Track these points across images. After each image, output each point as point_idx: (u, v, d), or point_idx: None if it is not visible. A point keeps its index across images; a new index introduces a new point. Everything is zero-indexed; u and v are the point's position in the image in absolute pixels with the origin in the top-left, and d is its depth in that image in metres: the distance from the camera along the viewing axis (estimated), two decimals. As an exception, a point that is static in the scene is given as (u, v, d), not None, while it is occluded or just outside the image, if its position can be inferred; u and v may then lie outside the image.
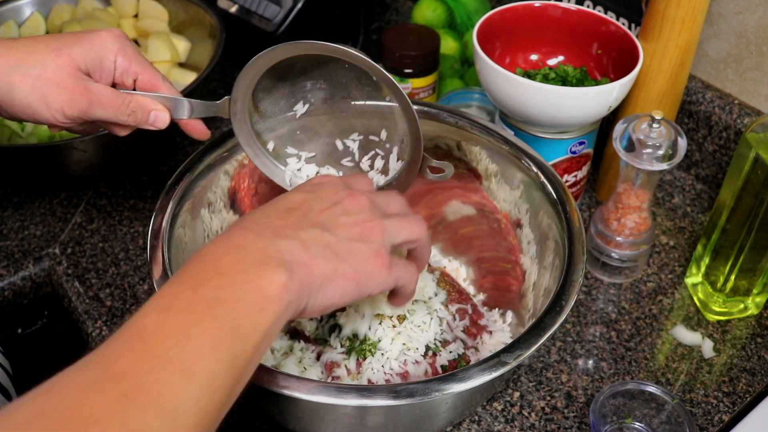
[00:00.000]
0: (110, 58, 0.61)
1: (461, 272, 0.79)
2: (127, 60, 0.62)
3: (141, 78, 0.63)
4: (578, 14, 0.83)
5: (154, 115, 0.63)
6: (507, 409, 0.70)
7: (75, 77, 0.59)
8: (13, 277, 0.83)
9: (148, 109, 0.62)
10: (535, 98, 0.75)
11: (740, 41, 0.86)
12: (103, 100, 0.60)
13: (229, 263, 0.44)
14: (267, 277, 0.44)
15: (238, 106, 0.63)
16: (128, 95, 0.62)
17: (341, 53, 0.58)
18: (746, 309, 0.78)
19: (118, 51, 0.61)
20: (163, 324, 0.41)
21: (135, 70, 0.62)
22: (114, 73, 0.62)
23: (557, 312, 0.58)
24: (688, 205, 0.92)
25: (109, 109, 0.61)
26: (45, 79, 0.59)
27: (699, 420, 0.70)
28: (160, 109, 0.63)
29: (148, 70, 0.63)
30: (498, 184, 0.73)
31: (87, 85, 0.60)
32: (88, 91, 0.60)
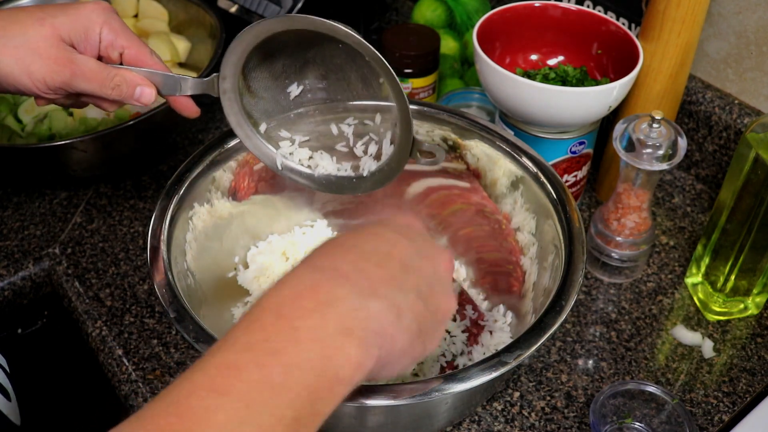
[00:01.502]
0: (95, 29, 0.60)
1: (461, 272, 0.79)
2: (113, 33, 0.60)
3: (127, 52, 0.61)
4: (578, 14, 0.83)
5: (140, 91, 0.61)
6: (507, 409, 0.70)
7: (58, 48, 0.58)
8: (13, 277, 0.83)
9: (133, 84, 0.60)
10: (535, 98, 0.75)
11: (740, 41, 0.86)
12: (87, 72, 0.59)
13: (309, 328, 0.38)
14: (346, 354, 0.38)
15: (227, 83, 0.61)
16: (114, 69, 0.60)
17: (327, 27, 0.56)
18: (746, 309, 0.78)
19: (104, 23, 0.60)
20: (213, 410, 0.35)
21: (121, 44, 0.61)
22: (99, 45, 0.61)
23: (557, 312, 0.58)
24: (688, 205, 0.92)
25: (93, 82, 0.59)
26: (27, 49, 0.57)
27: (699, 420, 0.70)
28: (146, 84, 0.61)
29: (135, 44, 0.61)
30: (498, 184, 0.73)
31: (70, 56, 0.59)
32: (71, 63, 0.58)
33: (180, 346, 0.75)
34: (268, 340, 0.38)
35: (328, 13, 1.09)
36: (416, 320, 0.43)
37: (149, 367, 0.73)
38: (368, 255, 0.43)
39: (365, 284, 0.41)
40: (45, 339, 0.91)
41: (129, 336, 0.76)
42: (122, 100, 0.61)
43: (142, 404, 0.71)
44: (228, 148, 0.71)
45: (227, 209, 0.73)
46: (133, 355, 0.74)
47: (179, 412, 0.35)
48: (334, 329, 0.38)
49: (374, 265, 0.42)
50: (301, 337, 0.38)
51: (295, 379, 0.37)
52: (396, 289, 0.42)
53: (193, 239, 0.68)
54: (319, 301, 0.39)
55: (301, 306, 0.39)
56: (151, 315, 0.78)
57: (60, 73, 0.58)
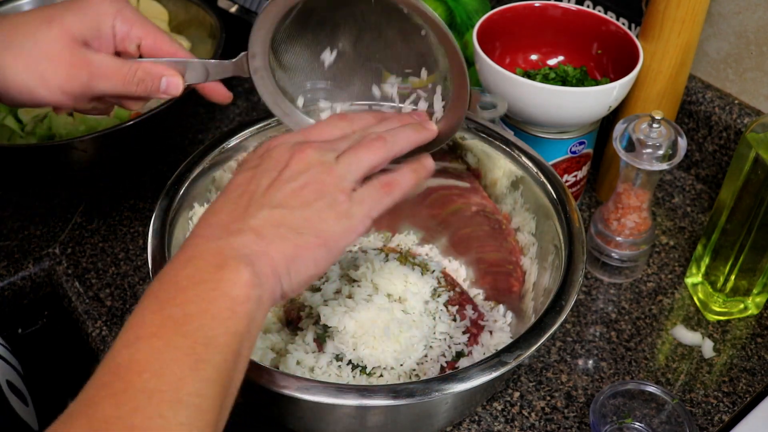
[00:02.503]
0: (108, 23, 0.55)
1: (461, 272, 0.79)
2: (127, 24, 0.56)
3: (145, 43, 0.57)
4: (578, 14, 0.83)
5: (166, 82, 0.56)
6: (507, 409, 0.70)
7: (71, 49, 0.54)
8: (13, 277, 0.83)
9: (158, 75, 0.56)
10: (535, 98, 0.75)
11: (740, 41, 0.86)
12: (106, 71, 0.55)
13: (187, 276, 0.43)
14: (229, 280, 0.42)
15: (257, 61, 0.57)
16: (134, 63, 0.56)
17: None
18: (746, 309, 0.78)
19: (116, 14, 0.56)
20: (135, 356, 0.39)
21: (137, 34, 0.56)
22: (114, 39, 0.56)
23: (557, 312, 0.58)
24: (688, 205, 0.92)
25: (114, 81, 0.55)
26: (38, 54, 0.53)
27: (699, 420, 0.70)
28: (171, 74, 0.57)
29: (152, 33, 0.57)
30: (498, 184, 0.73)
31: (86, 56, 0.54)
32: (87, 63, 0.54)
33: (180, 346, 0.75)
34: (157, 297, 0.42)
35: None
36: (281, 227, 0.46)
37: (149, 367, 0.73)
38: (218, 207, 0.48)
39: (219, 230, 0.45)
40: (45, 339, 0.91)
41: (129, 336, 0.76)
42: (148, 95, 0.57)
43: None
44: (228, 148, 0.71)
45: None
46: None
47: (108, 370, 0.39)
48: (208, 269, 0.43)
49: (225, 213, 0.47)
50: (183, 284, 0.42)
51: (191, 310, 0.41)
52: (247, 218, 0.46)
53: (193, 239, 0.68)
54: (187, 258, 0.44)
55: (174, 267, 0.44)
56: (151, 315, 0.78)
57: (77, 77, 0.54)
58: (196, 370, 0.39)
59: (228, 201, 0.48)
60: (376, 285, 0.70)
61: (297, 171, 0.48)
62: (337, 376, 0.65)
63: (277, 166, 0.49)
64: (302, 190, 0.47)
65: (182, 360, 0.39)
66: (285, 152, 0.49)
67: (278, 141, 0.51)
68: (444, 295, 0.73)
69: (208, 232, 0.46)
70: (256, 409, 0.63)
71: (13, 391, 0.67)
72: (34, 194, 0.92)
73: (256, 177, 0.48)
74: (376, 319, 0.66)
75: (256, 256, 0.44)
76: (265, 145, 0.52)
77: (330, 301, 0.69)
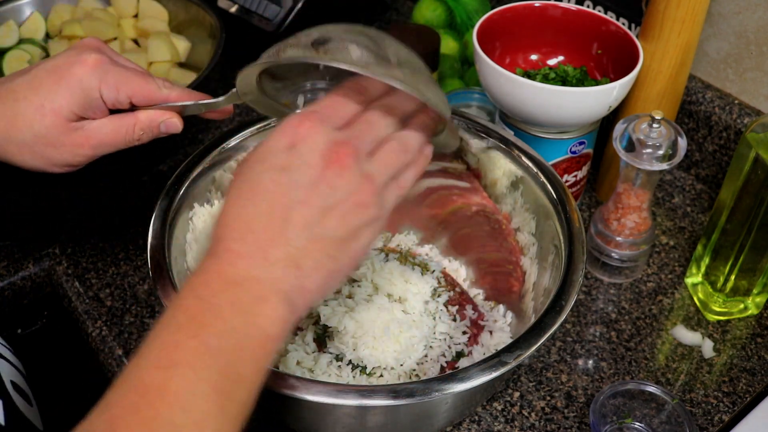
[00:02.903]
0: (95, 95, 0.57)
1: (461, 272, 0.79)
2: (112, 91, 0.57)
3: (135, 100, 0.58)
4: (578, 14, 0.83)
5: (165, 126, 0.60)
6: (507, 409, 0.70)
7: (68, 132, 0.57)
8: (13, 277, 0.83)
9: (155, 124, 0.59)
10: (535, 98, 0.75)
11: (740, 41, 0.86)
12: (106, 138, 0.58)
13: (228, 303, 0.43)
14: (267, 317, 0.43)
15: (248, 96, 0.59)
16: (131, 117, 0.58)
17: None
18: (746, 309, 0.78)
19: (100, 85, 0.57)
20: (167, 384, 0.40)
21: (126, 95, 0.58)
22: (106, 104, 0.58)
23: (557, 312, 0.58)
24: (688, 205, 0.92)
25: (116, 143, 0.59)
26: (39, 144, 0.57)
27: (699, 420, 0.70)
28: (168, 117, 0.60)
29: (138, 87, 0.58)
30: (498, 184, 0.73)
31: (84, 132, 0.57)
32: (87, 139, 0.58)
33: (180, 346, 0.75)
34: (194, 318, 0.42)
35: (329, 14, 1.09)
36: (320, 256, 0.45)
37: (149, 367, 0.73)
38: (249, 216, 0.45)
39: (259, 253, 0.44)
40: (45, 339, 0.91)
41: (129, 336, 0.76)
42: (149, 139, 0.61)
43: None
44: (228, 148, 0.71)
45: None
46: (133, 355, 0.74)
47: (139, 391, 0.39)
48: (246, 298, 0.43)
49: (261, 228, 0.45)
50: (221, 310, 0.42)
51: (228, 342, 0.41)
52: (288, 243, 0.45)
53: (193, 239, 0.68)
54: (227, 282, 0.44)
55: (213, 288, 0.43)
56: (151, 315, 0.78)
57: (81, 154, 0.58)
58: (222, 409, 0.40)
59: (260, 211, 0.45)
60: (376, 285, 0.70)
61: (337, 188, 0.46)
62: (337, 376, 0.65)
63: (311, 174, 0.45)
64: (345, 216, 0.46)
65: (211, 397, 0.40)
66: (318, 155, 0.46)
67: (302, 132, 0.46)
68: (444, 295, 0.73)
69: (245, 251, 0.44)
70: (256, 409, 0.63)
71: (17, 391, 0.67)
72: (34, 194, 0.92)
73: (289, 186, 0.45)
74: (376, 319, 0.66)
75: (293, 292, 0.45)
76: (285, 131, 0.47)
77: (330, 301, 0.69)
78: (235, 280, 0.44)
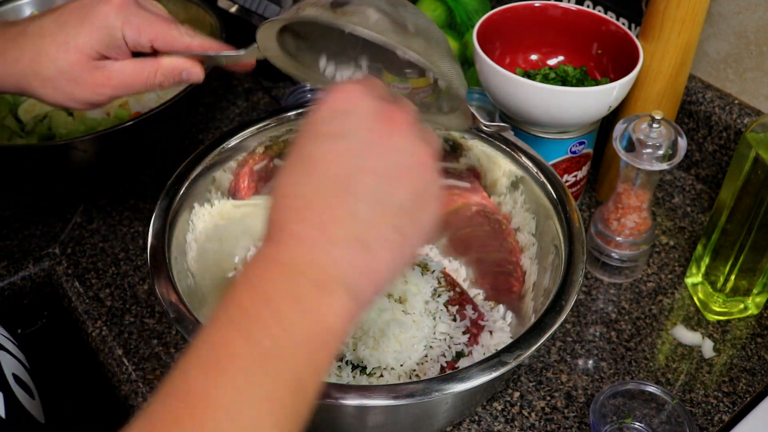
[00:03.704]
0: (118, 35, 0.58)
1: (461, 272, 0.79)
2: (135, 32, 0.58)
3: (157, 44, 0.59)
4: (578, 14, 0.83)
5: (187, 74, 0.60)
6: (507, 409, 0.70)
7: (91, 70, 0.58)
8: (13, 277, 0.83)
9: (177, 71, 0.59)
10: (535, 98, 0.75)
11: (740, 41, 0.86)
12: (127, 79, 0.58)
13: (283, 293, 0.38)
14: (330, 309, 0.38)
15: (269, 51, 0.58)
16: (153, 62, 0.59)
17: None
18: (746, 309, 0.78)
19: (123, 25, 0.58)
20: (215, 391, 0.35)
21: (147, 38, 0.58)
22: (128, 46, 0.59)
23: (557, 312, 0.58)
24: (688, 205, 0.92)
25: (137, 86, 0.59)
26: (62, 79, 0.58)
27: (699, 420, 0.70)
28: (190, 66, 0.59)
29: (163, 32, 0.59)
30: (498, 184, 0.73)
31: (106, 72, 0.58)
32: (108, 79, 0.58)
33: (180, 346, 0.75)
34: (247, 314, 0.38)
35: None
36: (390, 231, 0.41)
37: (149, 367, 0.73)
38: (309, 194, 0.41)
39: (318, 233, 0.39)
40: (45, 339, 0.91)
41: (129, 336, 0.76)
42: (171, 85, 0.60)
43: (141, 404, 0.71)
44: (228, 148, 0.71)
45: (227, 209, 0.73)
46: (133, 355, 0.74)
47: (182, 398, 0.35)
48: (306, 288, 0.38)
49: (320, 204, 0.40)
50: (278, 304, 0.38)
51: (284, 343, 0.37)
52: (351, 219, 0.40)
53: (193, 239, 0.68)
54: (286, 270, 0.39)
55: (268, 277, 0.39)
56: (151, 315, 0.78)
57: (101, 93, 0.58)
58: (275, 418, 0.36)
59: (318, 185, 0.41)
60: (376, 285, 0.70)
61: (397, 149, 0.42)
62: (337, 376, 0.65)
63: (370, 137, 0.41)
64: (410, 180, 0.42)
65: (263, 405, 0.36)
66: (371, 117, 0.42)
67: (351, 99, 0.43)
68: (444, 295, 0.73)
69: (306, 233, 0.40)
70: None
71: (19, 384, 0.67)
72: (34, 194, 0.92)
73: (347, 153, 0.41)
74: (376, 319, 0.66)
75: (361, 277, 0.40)
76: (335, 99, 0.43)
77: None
78: (295, 267, 0.39)
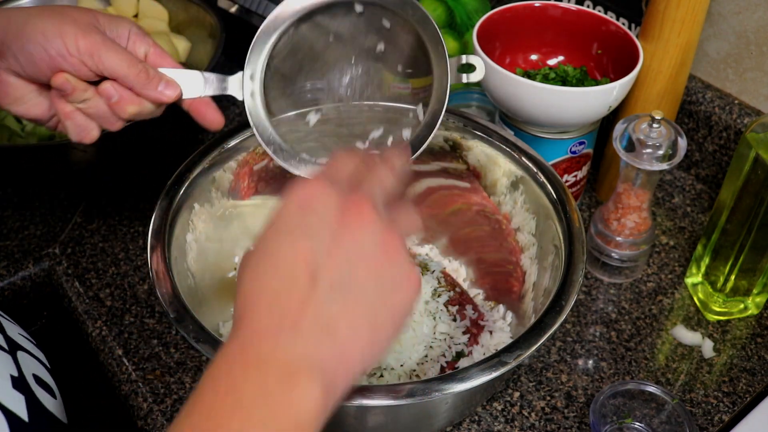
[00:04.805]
0: (126, 27, 0.60)
1: (461, 272, 0.79)
2: (140, 34, 0.61)
3: (153, 51, 0.61)
4: (578, 14, 0.83)
5: (164, 84, 0.59)
6: (507, 409, 0.70)
7: (92, 22, 0.58)
8: (13, 277, 0.83)
9: (158, 75, 0.59)
10: (535, 98, 0.75)
11: (740, 41, 0.86)
12: (116, 47, 0.58)
13: (251, 390, 0.36)
14: (299, 398, 0.37)
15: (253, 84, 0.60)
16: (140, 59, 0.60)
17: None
18: (746, 309, 0.78)
19: (133, 26, 0.61)
20: None
21: (148, 42, 0.60)
22: (128, 41, 0.60)
23: (557, 312, 0.58)
24: (688, 205, 0.92)
25: (122, 57, 0.57)
26: (64, 13, 0.57)
27: (699, 420, 0.70)
28: (170, 80, 0.60)
29: (160, 49, 0.61)
30: (498, 184, 0.73)
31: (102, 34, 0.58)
32: (102, 35, 0.58)
33: (180, 346, 0.75)
34: (211, 416, 0.36)
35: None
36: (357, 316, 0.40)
37: (149, 367, 0.73)
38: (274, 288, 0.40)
39: (285, 322, 0.39)
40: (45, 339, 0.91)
41: (129, 336, 0.76)
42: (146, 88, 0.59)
43: (142, 404, 0.71)
44: (228, 148, 0.71)
45: (227, 209, 0.73)
46: (133, 355, 0.74)
47: None
48: (274, 383, 0.37)
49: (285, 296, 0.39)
50: (245, 404, 0.36)
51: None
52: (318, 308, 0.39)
53: (193, 239, 0.68)
54: (249, 363, 0.38)
55: (235, 375, 0.38)
56: (151, 315, 0.78)
57: (92, 37, 0.57)
58: None
59: (283, 280, 0.40)
60: (376, 285, 0.70)
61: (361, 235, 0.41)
62: (337, 376, 0.65)
63: (331, 229, 0.41)
64: (374, 261, 0.41)
65: None
66: (333, 209, 0.42)
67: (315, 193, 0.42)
68: (444, 295, 0.73)
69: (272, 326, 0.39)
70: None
71: (40, 384, 0.67)
72: (34, 194, 0.92)
73: (311, 248, 0.40)
74: (376, 319, 0.66)
75: (331, 363, 0.38)
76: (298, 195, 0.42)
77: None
78: (262, 363, 0.37)
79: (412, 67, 0.62)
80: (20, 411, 0.60)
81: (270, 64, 0.61)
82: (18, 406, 0.60)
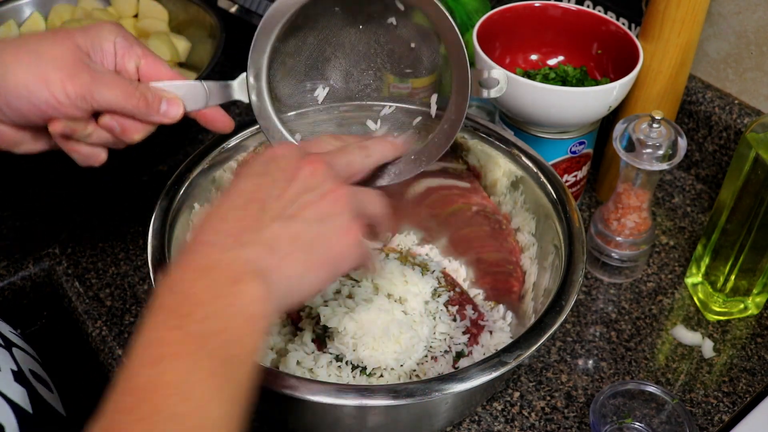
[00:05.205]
0: (110, 39, 0.56)
1: (461, 272, 0.79)
2: (127, 42, 0.57)
3: (144, 62, 0.57)
4: (578, 14, 0.83)
5: (166, 104, 0.57)
6: (507, 409, 0.70)
7: (74, 53, 0.54)
8: (13, 277, 0.83)
9: (159, 96, 0.57)
10: (535, 98, 0.75)
11: (740, 41, 0.86)
12: (108, 79, 0.54)
13: (203, 289, 0.43)
14: (246, 295, 0.43)
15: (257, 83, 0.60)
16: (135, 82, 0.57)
17: None
18: (746, 309, 0.78)
19: (118, 34, 0.57)
20: (160, 378, 0.39)
21: (137, 53, 0.57)
22: (115, 57, 0.57)
23: (557, 312, 0.58)
24: (688, 205, 0.92)
25: (116, 90, 0.54)
26: (42, 54, 0.53)
27: (699, 420, 0.70)
28: (171, 96, 0.57)
29: (151, 56, 0.58)
30: (498, 184, 0.73)
31: (88, 63, 0.55)
32: (89, 69, 0.54)
33: (180, 346, 0.75)
34: (174, 312, 0.42)
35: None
36: (295, 241, 0.46)
37: (149, 367, 0.73)
38: (224, 213, 0.47)
39: (230, 240, 0.45)
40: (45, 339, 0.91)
41: (129, 336, 0.76)
42: (147, 116, 0.57)
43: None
44: (228, 148, 0.71)
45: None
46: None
47: (133, 393, 0.39)
48: (224, 283, 0.43)
49: (233, 221, 0.46)
50: (200, 298, 0.42)
51: (212, 326, 0.41)
52: (260, 230, 0.46)
53: (193, 239, 0.68)
54: (200, 270, 0.44)
55: (187, 280, 0.43)
56: (151, 315, 0.78)
57: (79, 78, 0.53)
58: (221, 391, 0.40)
59: (235, 207, 0.47)
60: (376, 285, 0.70)
61: (311, 184, 0.48)
62: (337, 376, 0.65)
63: (287, 174, 0.48)
64: (317, 204, 0.47)
65: (208, 381, 0.39)
66: (293, 161, 0.49)
67: (281, 150, 0.51)
68: (444, 295, 0.73)
69: (218, 240, 0.45)
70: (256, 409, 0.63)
71: (37, 379, 0.67)
72: (34, 194, 0.92)
73: (264, 184, 0.48)
74: (376, 319, 0.66)
75: (269, 271, 0.44)
76: (267, 152, 0.51)
77: (330, 302, 0.69)
78: (208, 265, 0.44)
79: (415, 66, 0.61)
80: (24, 404, 0.61)
81: (274, 60, 0.60)
82: (23, 399, 0.61)
